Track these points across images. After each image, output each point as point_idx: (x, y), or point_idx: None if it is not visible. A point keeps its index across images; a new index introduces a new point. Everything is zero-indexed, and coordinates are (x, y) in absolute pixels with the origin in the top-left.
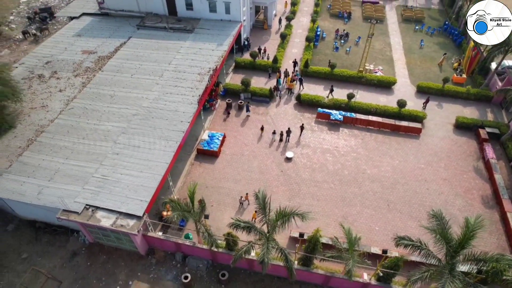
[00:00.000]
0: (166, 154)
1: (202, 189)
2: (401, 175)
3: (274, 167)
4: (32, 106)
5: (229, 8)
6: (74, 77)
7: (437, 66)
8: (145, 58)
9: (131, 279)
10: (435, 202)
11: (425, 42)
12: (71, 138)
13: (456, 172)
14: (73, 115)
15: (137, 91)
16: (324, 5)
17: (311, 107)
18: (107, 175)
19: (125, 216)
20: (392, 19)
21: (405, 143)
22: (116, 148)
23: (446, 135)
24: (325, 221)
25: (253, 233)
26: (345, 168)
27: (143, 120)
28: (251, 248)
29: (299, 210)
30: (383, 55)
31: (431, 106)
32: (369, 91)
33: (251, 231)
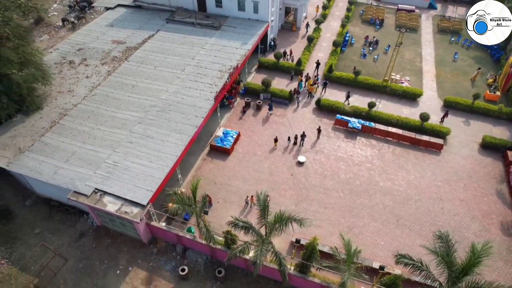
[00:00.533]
0: (177, 147)
1: (211, 185)
2: (416, 191)
3: (284, 170)
4: (59, 90)
5: (257, 7)
6: (101, 65)
7: (469, 81)
8: (170, 52)
9: (131, 265)
10: (448, 222)
11: (460, 55)
12: (90, 123)
13: (476, 193)
14: (95, 101)
15: (158, 83)
16: (357, 10)
17: (330, 112)
18: (118, 162)
19: (130, 203)
20: (427, 29)
21: (424, 158)
22: (131, 137)
23: (470, 154)
24: (329, 230)
25: (251, 234)
26: (357, 178)
27: (160, 112)
28: (246, 249)
29: (297, 216)
30: (412, 65)
31: (457, 122)
32: (393, 102)
33: (249, 231)
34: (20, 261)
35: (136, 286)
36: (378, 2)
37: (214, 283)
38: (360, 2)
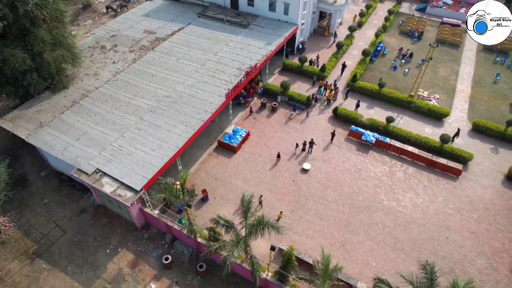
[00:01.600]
0: (180, 139)
1: (211, 180)
2: (421, 215)
3: (287, 175)
4: (87, 72)
5: (288, 9)
6: (129, 53)
7: (508, 105)
8: (195, 46)
9: (121, 247)
10: (451, 254)
11: (503, 76)
12: (106, 106)
13: (490, 228)
14: (115, 86)
15: (177, 75)
16: (397, 21)
17: (346, 123)
18: (123, 146)
19: (125, 187)
20: (470, 45)
21: (438, 182)
22: (140, 123)
23: (491, 184)
24: (320, 242)
25: (231, 233)
26: (361, 193)
27: (172, 103)
28: (223, 247)
29: (275, 223)
30: (445, 83)
31: (484, 149)
32: (416, 119)
33: (229, 230)
34: (25, 227)
35: (121, 267)
36: (421, 14)
37: (195, 276)
38: (402, 13)
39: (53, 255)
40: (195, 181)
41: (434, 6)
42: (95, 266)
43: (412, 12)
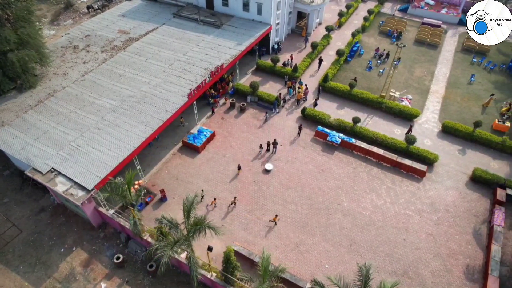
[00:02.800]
0: (137, 138)
1: (172, 180)
2: (381, 216)
3: (249, 176)
4: (56, 72)
5: (261, 9)
6: (101, 53)
7: (480, 107)
8: (166, 46)
9: (76, 246)
10: (406, 256)
11: (479, 78)
12: (70, 106)
13: (449, 230)
14: (82, 86)
15: (144, 75)
16: (377, 21)
17: (314, 123)
18: (81, 146)
19: (78, 186)
20: (449, 46)
21: (401, 183)
22: (101, 123)
23: (455, 186)
24: (275, 243)
25: (175, 233)
26: (321, 194)
27: (135, 103)
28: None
29: (212, 223)
30: (420, 83)
31: (451, 150)
32: (386, 120)
33: (175, 230)
34: None
35: (74, 266)
36: (403, 14)
37: (146, 276)
38: (384, 13)
39: (6, 255)
40: (156, 181)
41: (415, 7)
42: (47, 266)
43: (394, 12)
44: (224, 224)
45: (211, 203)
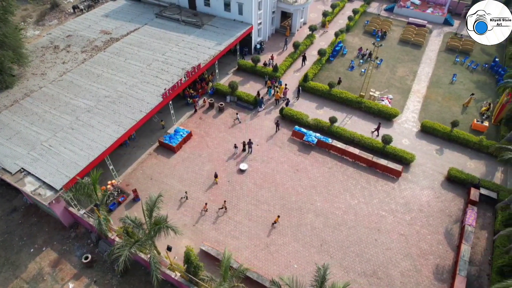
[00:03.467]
0: (110, 138)
1: (147, 180)
2: (353, 217)
3: (223, 176)
4: (34, 72)
5: (242, 9)
6: (81, 53)
7: (461, 106)
8: (145, 46)
9: (46, 246)
10: (377, 256)
11: (461, 77)
12: (45, 106)
13: (421, 230)
14: (59, 86)
15: (121, 75)
16: (363, 20)
17: (292, 123)
18: (53, 146)
19: (47, 186)
20: (433, 46)
21: (376, 183)
22: (75, 123)
23: (430, 186)
24: (245, 243)
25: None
26: (294, 194)
27: (110, 103)
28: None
29: (171, 224)
30: (401, 83)
31: (429, 149)
32: (366, 119)
33: (136, 229)
34: None
35: (42, 266)
36: (389, 14)
37: (114, 276)
38: (370, 13)
39: None
40: (130, 181)
41: (401, 6)
42: (15, 266)
43: (379, 12)
44: (195, 224)
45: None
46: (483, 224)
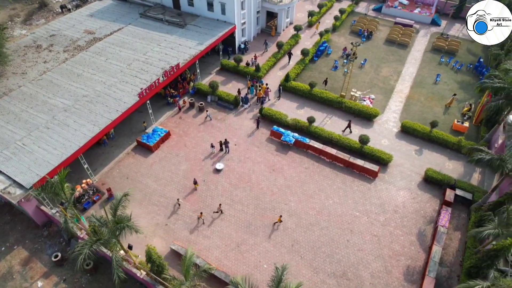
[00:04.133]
0: (84, 137)
1: (123, 179)
2: (326, 217)
3: (199, 175)
4: (15, 71)
5: (225, 8)
6: (63, 52)
7: (443, 107)
8: (127, 46)
9: (18, 244)
10: (348, 257)
11: (445, 78)
12: (22, 105)
13: (394, 231)
14: (38, 85)
15: (101, 75)
16: (350, 20)
17: (272, 123)
18: (26, 145)
19: (17, 185)
20: (419, 46)
21: (352, 183)
22: (50, 122)
23: (407, 187)
24: (216, 243)
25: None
26: (269, 194)
27: (87, 102)
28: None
29: (132, 223)
30: (385, 83)
31: (408, 150)
32: (346, 119)
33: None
34: None
35: (12, 265)
36: (377, 14)
37: (84, 274)
38: (358, 12)
39: None
40: (106, 179)
41: (389, 6)
42: None
43: (367, 11)
44: (168, 224)
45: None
46: (457, 225)
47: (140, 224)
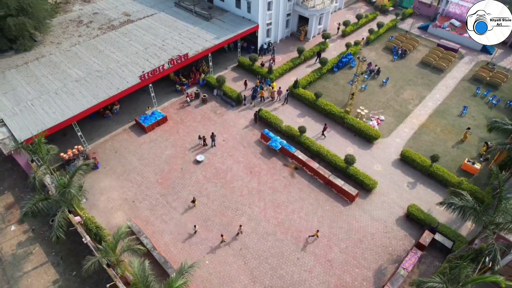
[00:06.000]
0: (80, 107)
1: (112, 152)
2: (285, 230)
3: (179, 162)
4: (53, 40)
5: (250, 7)
6: (97, 30)
7: (458, 141)
8: (151, 31)
9: (8, 190)
10: (291, 275)
11: (474, 111)
12: (45, 71)
13: (352, 261)
14: (64, 55)
15: (118, 54)
16: (389, 35)
17: (266, 126)
18: (33, 105)
19: (13, 138)
20: (457, 73)
21: (326, 202)
22: (60, 90)
23: (383, 219)
24: (170, 229)
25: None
26: (238, 195)
27: (97, 77)
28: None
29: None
30: (401, 106)
31: (401, 181)
32: (344, 136)
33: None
34: None
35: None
36: (422, 33)
37: (49, 229)
38: (400, 28)
39: None
40: (98, 150)
41: (436, 26)
42: None
43: (412, 29)
44: (135, 201)
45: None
46: (425, 272)
47: (112, 196)
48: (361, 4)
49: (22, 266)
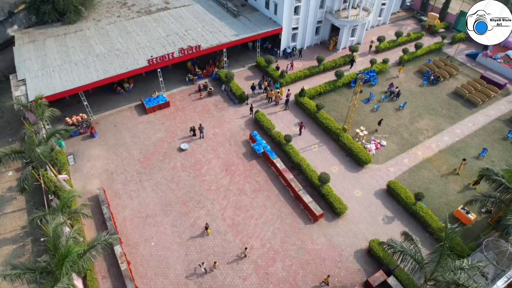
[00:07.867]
0: (89, 79)
1: (111, 125)
2: (237, 232)
3: (165, 146)
4: (95, 17)
5: (277, 9)
6: (135, 13)
7: (462, 186)
8: (180, 20)
9: (18, 140)
10: (223, 278)
11: (497, 156)
12: (76, 43)
13: (291, 282)
14: (97, 32)
15: (142, 37)
16: (428, 57)
17: (259, 129)
18: (54, 71)
19: (26, 97)
20: (493, 110)
21: (287, 216)
22: (80, 62)
23: (342, 247)
24: (132, 205)
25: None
26: (205, 189)
27: (115, 55)
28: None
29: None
30: (411, 135)
31: (377, 213)
32: (334, 154)
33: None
34: None
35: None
36: (470, 61)
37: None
38: (444, 52)
39: None
40: (101, 121)
41: (487, 56)
42: None
43: (459, 55)
44: (113, 173)
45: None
46: None
47: (96, 164)
48: (410, 21)
49: (3, 207)
